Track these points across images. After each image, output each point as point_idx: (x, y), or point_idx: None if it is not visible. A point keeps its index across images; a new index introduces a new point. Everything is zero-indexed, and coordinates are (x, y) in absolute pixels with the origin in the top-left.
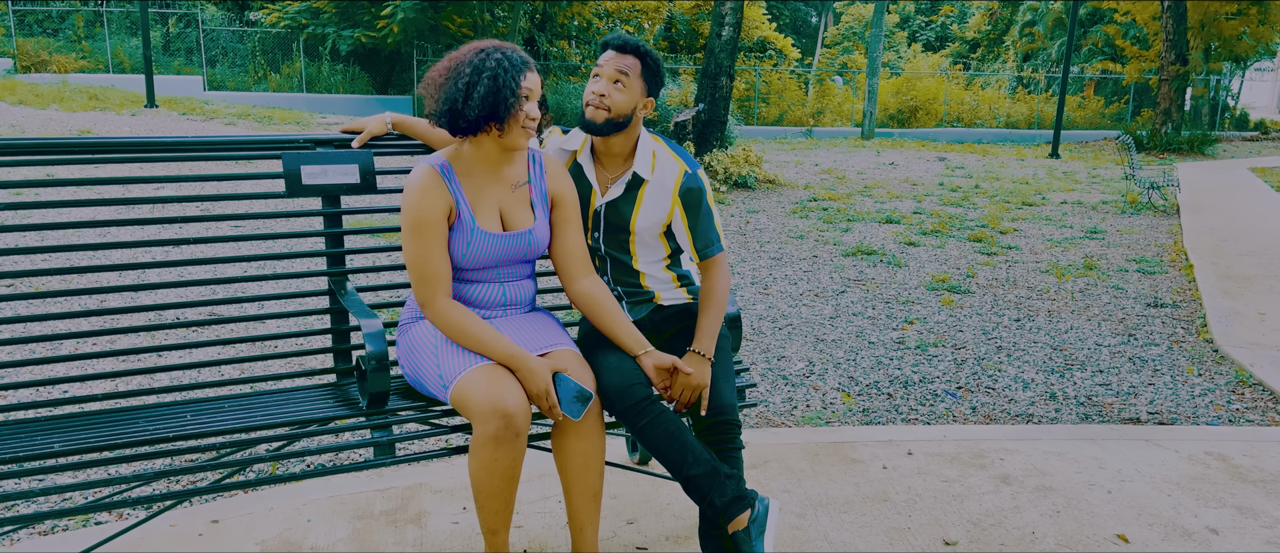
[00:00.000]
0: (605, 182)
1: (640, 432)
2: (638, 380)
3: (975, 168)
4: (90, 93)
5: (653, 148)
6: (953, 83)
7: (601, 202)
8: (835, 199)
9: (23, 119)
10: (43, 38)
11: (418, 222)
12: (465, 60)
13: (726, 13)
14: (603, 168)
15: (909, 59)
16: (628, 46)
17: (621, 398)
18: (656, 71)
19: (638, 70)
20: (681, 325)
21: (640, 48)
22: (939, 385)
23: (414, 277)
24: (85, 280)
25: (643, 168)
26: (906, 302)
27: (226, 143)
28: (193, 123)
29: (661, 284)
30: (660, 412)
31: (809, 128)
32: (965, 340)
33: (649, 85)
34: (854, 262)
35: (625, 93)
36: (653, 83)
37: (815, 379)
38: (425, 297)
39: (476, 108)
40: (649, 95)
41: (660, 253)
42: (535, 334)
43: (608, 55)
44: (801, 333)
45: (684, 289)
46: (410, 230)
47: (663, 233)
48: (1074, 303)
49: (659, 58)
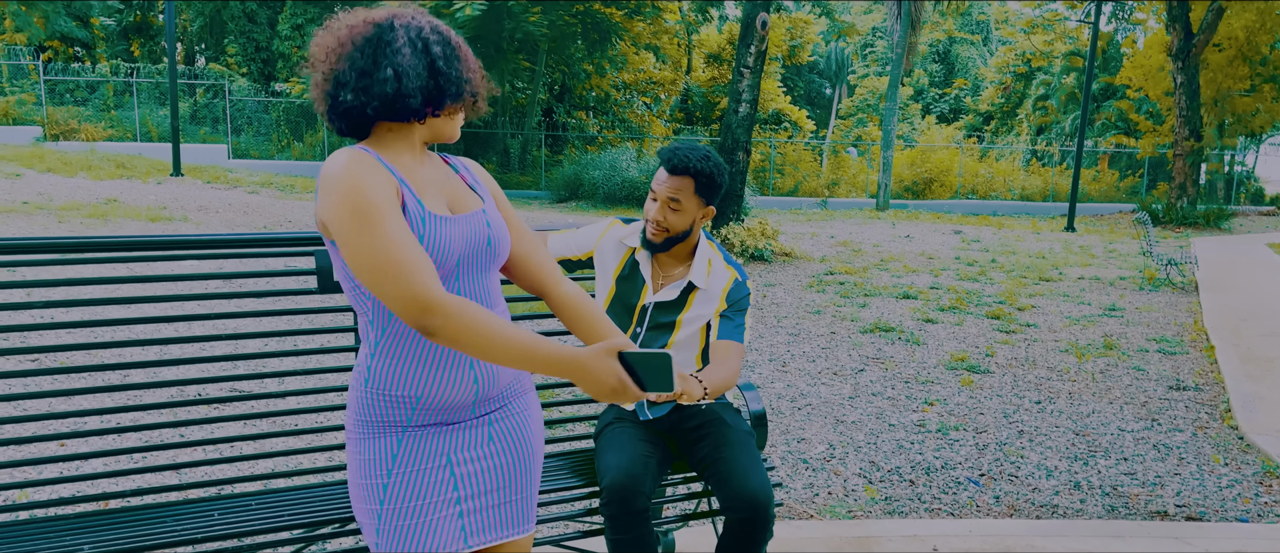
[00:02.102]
0: (659, 281)
1: (619, 545)
2: (642, 489)
3: (991, 241)
4: (117, 161)
5: (709, 256)
6: (967, 155)
7: (651, 299)
8: (852, 273)
9: (51, 187)
10: (72, 106)
11: (374, 204)
12: (387, 28)
13: (743, 90)
14: (659, 266)
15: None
16: (678, 168)
17: (621, 503)
18: (711, 183)
19: (691, 190)
20: (704, 428)
21: (691, 167)
22: (961, 472)
23: (392, 277)
24: (110, 355)
25: (698, 276)
26: (926, 381)
27: (262, 239)
28: (217, 191)
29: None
30: (650, 532)
31: (824, 199)
32: (986, 424)
33: (705, 198)
34: (872, 339)
35: (681, 213)
36: (709, 194)
37: (836, 464)
38: (421, 295)
39: (421, 83)
40: (707, 206)
41: (695, 348)
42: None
43: (661, 177)
44: (821, 413)
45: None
46: (366, 217)
47: (703, 327)
48: (1095, 385)
49: (713, 168)
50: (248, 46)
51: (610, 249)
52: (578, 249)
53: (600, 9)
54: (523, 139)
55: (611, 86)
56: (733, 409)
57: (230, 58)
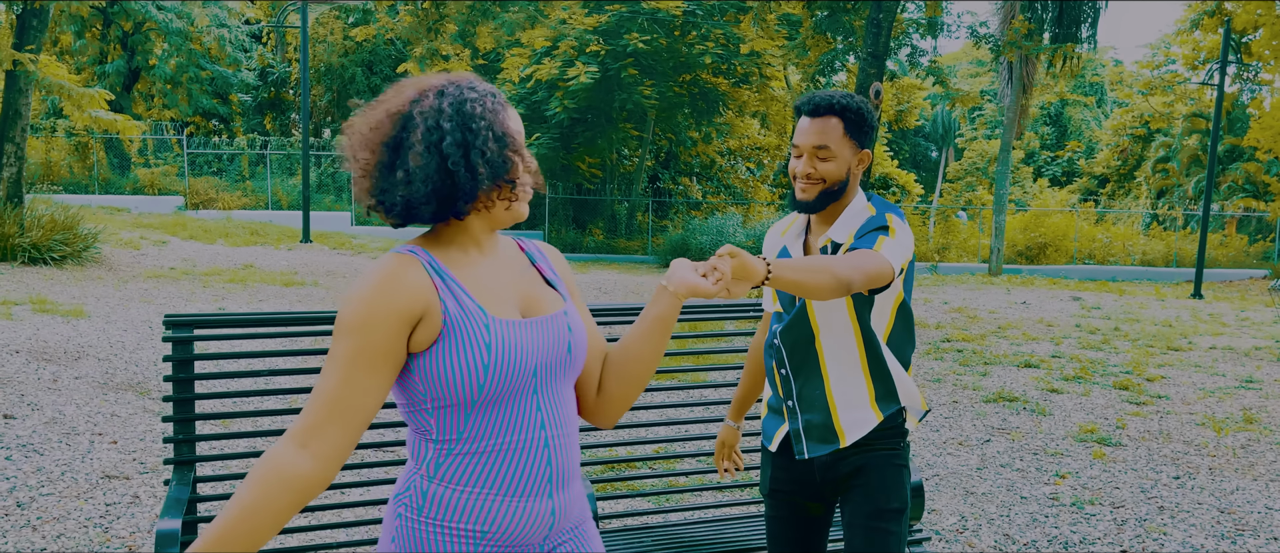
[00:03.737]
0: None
1: None
2: None
3: (1112, 308)
4: (251, 228)
5: (862, 209)
6: (1083, 219)
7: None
8: (969, 340)
9: (194, 254)
10: (210, 176)
11: (357, 333)
12: (429, 108)
13: None
14: (814, 236)
15: (1035, 195)
16: (821, 108)
17: None
18: (861, 121)
19: (840, 131)
20: (853, 486)
21: (835, 104)
22: (1101, 548)
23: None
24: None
25: (839, 232)
26: (1054, 453)
27: None
28: (343, 257)
29: (851, 406)
30: None
31: (934, 263)
32: (1123, 498)
33: (858, 141)
34: (996, 409)
35: (832, 161)
36: (861, 135)
37: (969, 536)
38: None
39: (433, 186)
40: (862, 149)
41: (851, 344)
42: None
43: (803, 126)
44: (949, 484)
45: (876, 407)
46: (341, 337)
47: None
48: (1237, 460)
49: (861, 104)
50: None
51: (772, 249)
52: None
53: (708, 79)
54: (630, 205)
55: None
56: (897, 461)
57: None
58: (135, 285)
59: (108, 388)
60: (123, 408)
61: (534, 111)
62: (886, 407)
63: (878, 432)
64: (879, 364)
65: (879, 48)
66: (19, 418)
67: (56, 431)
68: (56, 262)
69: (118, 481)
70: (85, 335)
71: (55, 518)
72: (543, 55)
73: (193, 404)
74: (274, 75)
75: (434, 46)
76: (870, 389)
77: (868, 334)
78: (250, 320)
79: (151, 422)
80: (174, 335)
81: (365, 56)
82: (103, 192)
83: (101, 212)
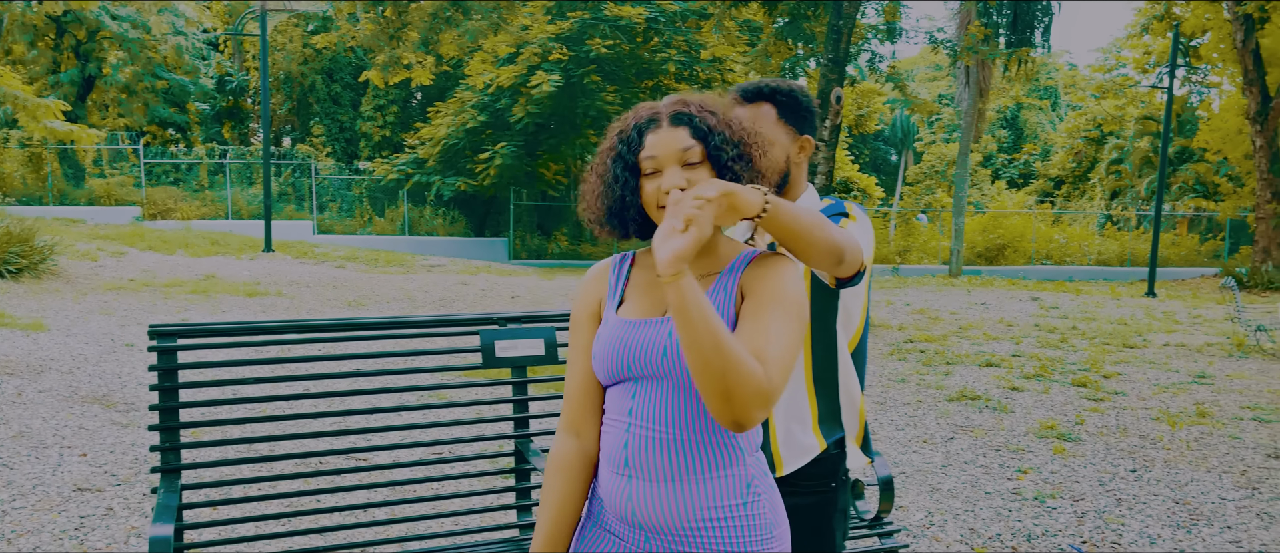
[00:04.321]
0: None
1: None
2: None
3: (1070, 307)
4: (211, 238)
5: (815, 202)
6: (1040, 220)
7: None
8: (932, 341)
9: (153, 265)
10: (168, 186)
11: (573, 317)
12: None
13: (819, 162)
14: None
15: (994, 197)
16: (751, 94)
17: None
18: (795, 105)
19: (772, 117)
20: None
21: (766, 88)
22: (1063, 539)
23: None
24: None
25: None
26: (1016, 449)
27: (434, 321)
28: (306, 266)
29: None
30: None
31: (896, 266)
32: (1083, 492)
33: (795, 126)
34: (959, 407)
35: (770, 148)
36: (798, 119)
37: (936, 531)
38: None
39: (608, 202)
40: (801, 135)
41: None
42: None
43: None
44: (915, 482)
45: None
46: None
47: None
48: (1191, 453)
49: (794, 88)
50: (332, 127)
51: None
52: None
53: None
54: None
55: None
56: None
57: (315, 138)
58: (94, 298)
59: (73, 401)
60: (90, 421)
61: (497, 118)
62: (829, 432)
63: (815, 466)
64: (829, 380)
65: (839, 53)
66: None
67: (24, 445)
68: (12, 275)
69: (90, 493)
70: (46, 349)
71: (29, 531)
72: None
73: (177, 413)
74: (232, 84)
75: (396, 54)
76: (814, 409)
77: (825, 342)
78: (233, 330)
79: (120, 434)
80: (159, 346)
81: (325, 64)
82: (57, 203)
83: (57, 223)
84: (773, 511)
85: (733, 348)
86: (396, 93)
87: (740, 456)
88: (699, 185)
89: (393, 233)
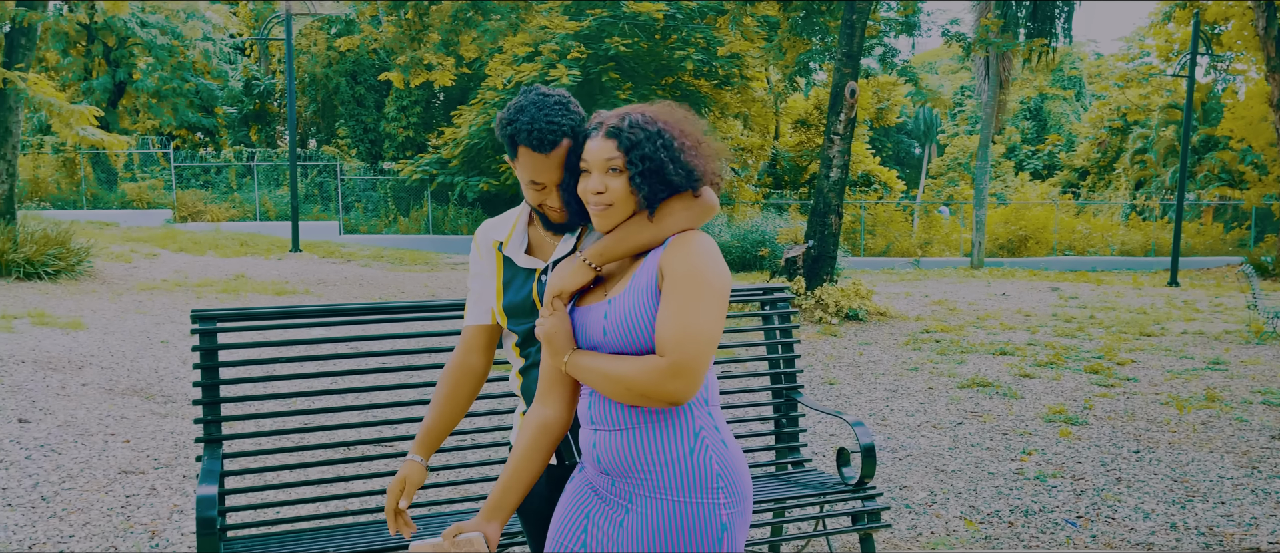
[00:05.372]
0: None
1: None
2: None
3: (1090, 297)
4: (240, 239)
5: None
6: (1063, 211)
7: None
8: (948, 331)
9: (185, 266)
10: (198, 189)
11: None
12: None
13: (834, 156)
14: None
15: (1016, 188)
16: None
17: None
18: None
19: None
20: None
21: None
22: (1059, 515)
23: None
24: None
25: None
26: (1023, 433)
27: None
28: (332, 265)
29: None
30: None
31: (917, 258)
32: (1084, 471)
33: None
34: (970, 394)
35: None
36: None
37: (938, 508)
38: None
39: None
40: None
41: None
42: None
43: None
44: (921, 464)
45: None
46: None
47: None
48: (1196, 435)
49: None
50: (356, 128)
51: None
52: None
53: (689, 82)
54: None
55: None
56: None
57: (341, 140)
58: (129, 297)
59: (113, 393)
60: (131, 411)
61: None
62: None
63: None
64: None
65: (853, 48)
66: (33, 421)
67: (71, 432)
68: (51, 276)
69: (134, 475)
70: (85, 346)
71: (79, 509)
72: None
73: (218, 389)
74: (259, 87)
75: (418, 55)
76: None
77: None
78: (269, 314)
79: (160, 423)
80: (201, 328)
81: (349, 66)
82: (91, 206)
83: (91, 226)
84: (721, 463)
85: (626, 372)
86: (420, 94)
87: (687, 405)
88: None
89: (417, 232)
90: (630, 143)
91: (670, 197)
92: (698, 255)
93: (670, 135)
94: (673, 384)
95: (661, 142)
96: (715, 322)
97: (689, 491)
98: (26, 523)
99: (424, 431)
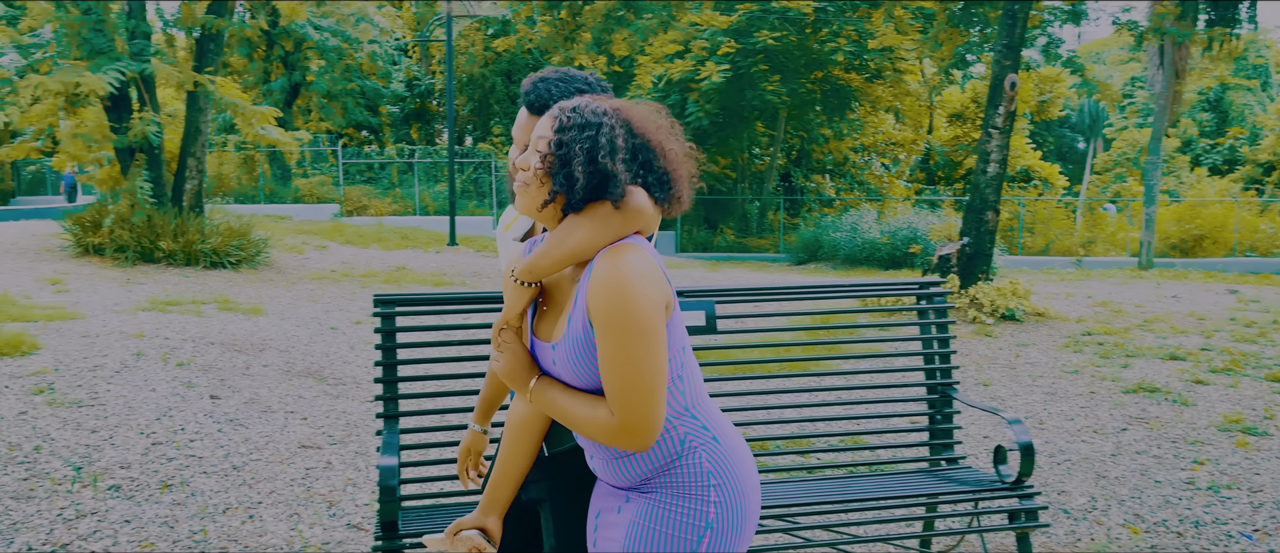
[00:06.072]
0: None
1: None
2: None
3: (1273, 301)
4: (402, 233)
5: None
6: (1244, 209)
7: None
8: (1112, 334)
9: (351, 257)
10: (362, 185)
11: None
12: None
13: (992, 150)
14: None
15: (1192, 184)
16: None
17: None
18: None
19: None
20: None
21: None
22: (1234, 526)
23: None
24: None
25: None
26: (1195, 442)
27: None
28: (487, 259)
29: None
30: None
31: (1079, 258)
32: (1263, 483)
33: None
34: (1135, 399)
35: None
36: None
37: (1098, 515)
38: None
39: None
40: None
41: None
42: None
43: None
44: (1081, 469)
45: None
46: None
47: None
48: None
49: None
50: (511, 126)
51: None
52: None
53: (839, 75)
54: (761, 204)
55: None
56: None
57: (496, 137)
58: (303, 286)
59: (290, 375)
60: (306, 391)
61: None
62: None
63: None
64: None
65: (1014, 39)
66: (223, 398)
67: (255, 409)
68: (233, 266)
69: (312, 450)
70: (265, 331)
71: (265, 479)
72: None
73: (396, 368)
74: (420, 87)
75: (571, 55)
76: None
77: None
78: (439, 299)
79: (332, 403)
80: (381, 311)
81: (505, 66)
82: (267, 201)
83: (267, 219)
84: (712, 461)
85: (585, 423)
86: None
87: (666, 422)
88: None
89: None
90: (560, 126)
91: (596, 201)
92: (617, 292)
93: (610, 136)
94: (629, 442)
95: (589, 137)
96: (651, 364)
97: (680, 495)
98: (221, 489)
99: (481, 401)
